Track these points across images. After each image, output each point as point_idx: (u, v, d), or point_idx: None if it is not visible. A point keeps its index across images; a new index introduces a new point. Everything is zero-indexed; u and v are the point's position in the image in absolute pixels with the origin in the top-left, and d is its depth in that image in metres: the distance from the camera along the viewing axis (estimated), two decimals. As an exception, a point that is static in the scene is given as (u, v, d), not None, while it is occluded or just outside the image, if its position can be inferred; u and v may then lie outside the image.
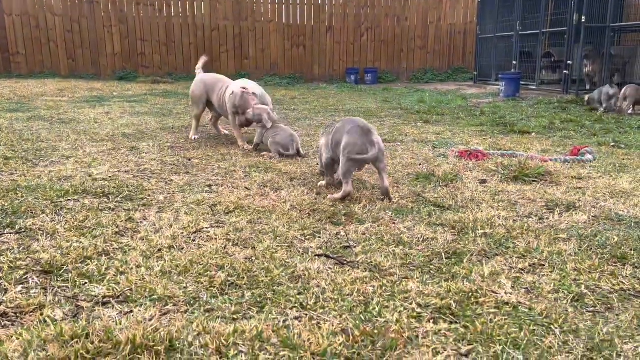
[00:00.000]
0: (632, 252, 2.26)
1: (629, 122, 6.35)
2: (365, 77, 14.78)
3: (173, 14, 14.25)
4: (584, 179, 3.74)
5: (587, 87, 9.89)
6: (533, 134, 5.78)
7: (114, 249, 2.25)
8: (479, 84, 12.79)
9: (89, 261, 2.11)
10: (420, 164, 4.15)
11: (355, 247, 2.34)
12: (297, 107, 8.64)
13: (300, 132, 5.62)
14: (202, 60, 6.01)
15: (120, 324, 1.60)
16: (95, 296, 1.82)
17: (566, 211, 2.92)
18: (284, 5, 14.78)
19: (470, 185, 3.51)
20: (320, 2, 14.92)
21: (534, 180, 3.64)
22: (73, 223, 2.54)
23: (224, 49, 14.62)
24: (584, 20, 9.05)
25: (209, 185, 3.40)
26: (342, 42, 15.18)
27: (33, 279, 1.94)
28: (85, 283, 1.92)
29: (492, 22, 12.38)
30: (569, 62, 9.63)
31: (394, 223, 2.70)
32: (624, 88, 7.23)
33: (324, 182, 3.47)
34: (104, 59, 14.01)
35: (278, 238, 2.42)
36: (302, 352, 1.48)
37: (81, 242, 2.31)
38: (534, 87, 10.67)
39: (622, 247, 2.31)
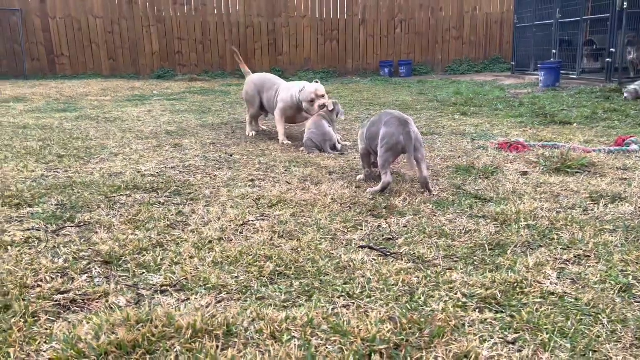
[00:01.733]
0: (682, 243, 2.23)
1: (678, 111, 6.12)
2: (400, 69, 14.67)
3: (208, 12, 14.51)
4: (629, 169, 3.66)
5: (632, 74, 9.55)
6: (575, 124, 5.66)
7: (167, 240, 2.37)
8: (517, 74, 12.51)
9: (145, 252, 2.23)
10: (459, 157, 4.14)
11: (397, 239, 2.38)
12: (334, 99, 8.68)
13: (336, 127, 5.67)
14: (238, 57, 6.23)
15: (180, 311, 1.70)
16: (154, 285, 1.94)
17: (611, 202, 2.87)
18: (317, 0, 14.82)
19: (512, 177, 3.50)
20: (353, -5, 14.89)
21: (577, 172, 3.59)
22: (127, 217, 2.68)
23: (258, 46, 14.79)
24: (626, 6, 8.73)
25: (252, 180, 3.51)
26: (376, 35, 15.11)
27: (96, 269, 2.08)
28: (143, 273, 2.04)
29: (530, 10, 12.07)
30: (612, 49, 9.31)
31: (435, 215, 2.73)
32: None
33: (362, 176, 3.52)
34: (142, 58, 14.40)
35: (321, 230, 2.49)
36: (352, 337, 1.54)
37: (136, 234, 2.44)
38: (574, 77, 10.38)
39: (672, 239, 2.27)
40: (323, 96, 4.83)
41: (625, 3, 8.70)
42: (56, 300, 1.80)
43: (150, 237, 2.39)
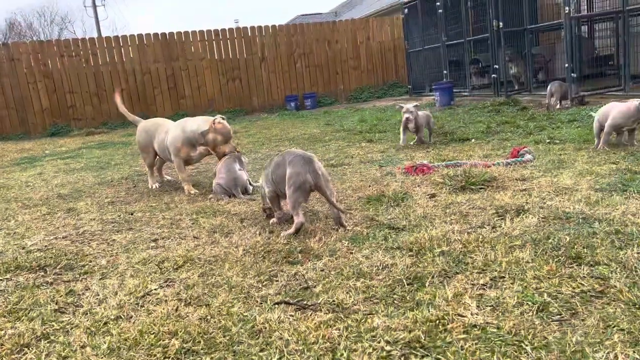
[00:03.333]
0: (585, 250, 2.30)
1: (559, 117, 6.65)
2: (305, 102, 14.89)
3: (101, 63, 13.88)
4: (527, 179, 3.83)
5: (516, 87, 10.36)
6: (472, 140, 5.94)
7: (54, 329, 2.05)
8: (415, 96, 13.15)
9: (26, 349, 1.91)
10: (369, 185, 4.13)
11: (315, 286, 2.25)
12: (239, 141, 8.51)
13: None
14: (118, 98, 5.77)
15: (65, 423, 1.42)
16: (35, 391, 1.63)
17: (516, 216, 2.95)
18: (214, 42, 14.75)
19: (421, 201, 3.52)
20: (250, 34, 14.99)
21: (481, 188, 3.69)
22: (6, 306, 2.32)
23: (158, 91, 14.36)
24: (502, 26, 9.51)
25: (155, 240, 3.23)
26: (277, 71, 15.26)
27: (-39, 382, 1.73)
28: (23, 377, 1.73)
29: (419, 35, 12.83)
30: (495, 66, 10.06)
31: (351, 253, 2.63)
32: (549, 85, 7.59)
33: (274, 219, 3.38)
34: (32, 116, 13.41)
35: (233, 289, 2.29)
36: (271, 419, 1.36)
37: (16, 327, 2.09)
38: (466, 94, 11.07)
39: (575, 247, 2.34)
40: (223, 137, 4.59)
41: (501, 23, 9.48)
42: None
43: (33, 329, 2.06)
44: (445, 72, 11.80)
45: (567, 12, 7.90)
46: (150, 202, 4.39)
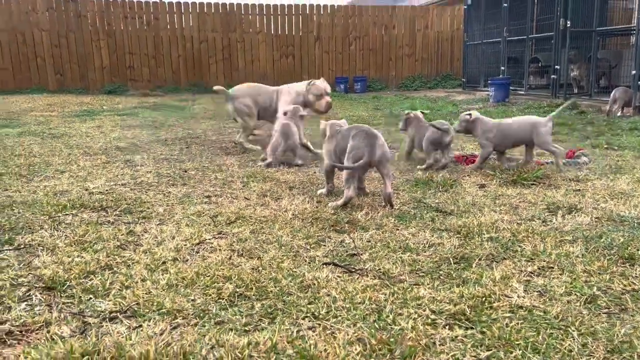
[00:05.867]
0: (637, 252, 2.26)
1: (620, 124, 6.42)
2: (355, 85, 14.84)
3: (161, 27, 14.23)
4: (581, 181, 3.76)
5: (575, 90, 10.01)
6: (526, 138, 5.81)
7: (117, 262, 2.20)
8: (468, 90, 12.89)
9: (92, 276, 2.06)
10: (417, 172, 4.14)
11: (362, 254, 2.31)
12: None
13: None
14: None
15: (131, 340, 1.55)
16: (102, 311, 1.78)
17: (568, 213, 2.92)
18: (272, 17, 14.84)
19: (470, 190, 3.51)
20: (307, 12, 15.00)
21: (532, 184, 3.65)
22: (73, 238, 2.49)
23: (213, 61, 14.62)
24: (569, 25, 9.17)
25: (208, 196, 3.36)
26: (331, 51, 15.24)
27: (36, 295, 1.89)
28: (90, 298, 1.88)
29: (479, 28, 12.51)
30: (556, 66, 9.74)
31: (398, 229, 2.68)
32: (614, 91, 7.31)
33: (324, 190, 3.45)
34: (92, 73, 13.92)
35: (283, 247, 2.38)
36: (319, 362, 1.45)
37: (83, 256, 2.26)
38: (522, 92, 10.77)
39: (629, 248, 2.31)
40: (329, 95, 5.03)
41: (568, 22, 9.14)
42: (-11, 333, 1.62)
43: (98, 259, 2.22)
44: (502, 68, 11.50)
45: (642, 16, 7.55)
46: (203, 162, 4.54)
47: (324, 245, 2.43)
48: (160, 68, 14.30)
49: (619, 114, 7.23)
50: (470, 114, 4.36)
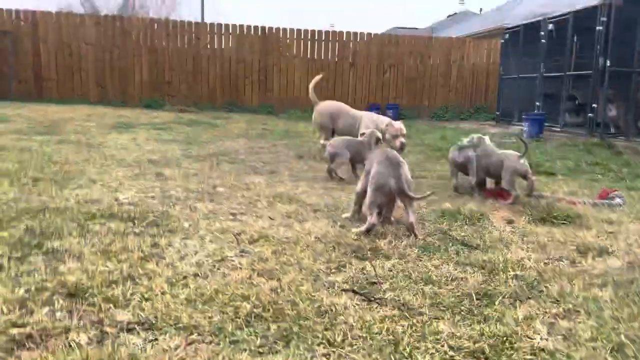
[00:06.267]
0: (672, 302, 2.17)
1: (658, 167, 6.22)
2: (387, 113, 14.86)
3: (201, 46, 14.66)
4: (614, 223, 3.64)
5: (612, 130, 9.78)
6: (559, 175, 5.69)
7: (139, 274, 2.24)
8: (501, 123, 12.75)
9: (114, 285, 2.10)
10: (444, 201, 4.09)
11: (382, 283, 2.29)
12: (316, 139, 8.68)
13: (318, 166, 5.63)
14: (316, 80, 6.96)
15: (146, 352, 1.56)
16: (120, 322, 1.80)
17: (599, 256, 2.83)
18: (308, 42, 15.11)
19: (498, 224, 3.45)
20: (344, 38, 15.22)
21: (562, 223, 3.56)
22: (99, 246, 2.55)
23: (248, 81, 14.92)
24: (609, 65, 9.02)
25: (233, 214, 3.40)
26: (365, 78, 15.37)
27: (59, 301, 1.93)
28: (110, 308, 1.90)
29: (515, 63, 12.43)
30: (594, 105, 9.56)
31: (420, 260, 2.64)
32: (652, 132, 7.12)
33: (348, 214, 3.44)
34: (131, 87, 14.39)
35: (303, 270, 2.38)
36: (331, 391, 1.42)
37: (107, 266, 2.30)
38: (557, 129, 10.59)
39: (662, 296, 2.21)
40: (404, 136, 5.47)
41: (608, 62, 9.00)
42: (11, 335, 1.65)
43: (121, 270, 2.26)
44: (537, 104, 11.35)
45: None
46: (232, 180, 4.60)
47: (345, 271, 2.42)
48: (198, 85, 14.68)
49: (658, 156, 7.01)
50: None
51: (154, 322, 1.81)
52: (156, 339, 1.69)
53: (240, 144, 7.66)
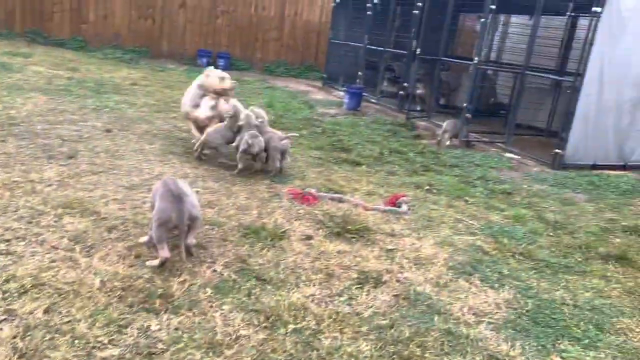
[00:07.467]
0: (418, 350, 2.56)
1: (445, 159, 7.12)
2: (218, 61, 14.30)
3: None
4: (396, 235, 4.10)
5: (418, 107, 10.87)
6: (364, 166, 6.17)
7: None
8: (327, 87, 13.24)
9: None
10: (253, 209, 4.15)
11: (164, 351, 2.26)
12: (136, 99, 8.03)
13: (131, 146, 5.24)
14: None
15: None
16: None
17: (374, 287, 3.18)
18: (132, -29, 13.50)
19: (296, 244, 3.63)
20: (174, -26, 13.96)
21: (353, 237, 3.90)
22: None
23: (57, 9, 12.89)
24: (418, 52, 9.87)
25: (7, 241, 2.99)
26: (196, 21, 14.44)
27: None
28: None
29: (344, 29, 12.85)
30: (405, 84, 10.46)
31: (211, 305, 2.68)
32: (445, 123, 8.10)
33: (146, 238, 3.28)
34: None
35: (76, 342, 2.23)
36: None
37: None
38: (374, 101, 11.38)
39: (410, 344, 2.60)
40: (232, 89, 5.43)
41: (418, 49, 9.84)
42: None
43: None
44: (360, 73, 12.00)
45: (475, 61, 8.42)
46: (15, 172, 4.00)
47: (125, 335, 2.33)
48: (-11, 6, 12.22)
49: (448, 143, 8.04)
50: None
51: None
52: None
53: (38, 102, 6.68)
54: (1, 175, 3.93)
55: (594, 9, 6.72)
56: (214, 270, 3.06)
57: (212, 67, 5.68)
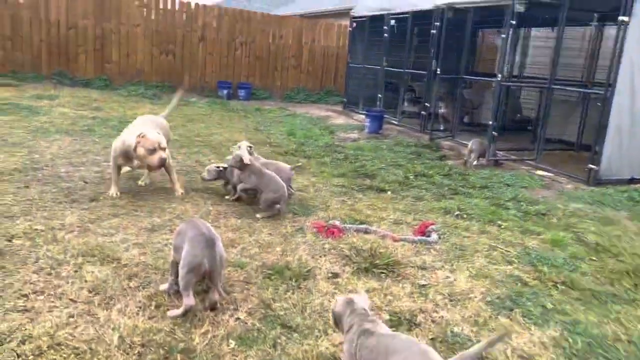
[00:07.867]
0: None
1: (474, 180, 6.87)
2: (239, 92, 14.44)
3: (23, 4, 12.52)
4: (428, 269, 3.89)
5: (442, 127, 10.67)
6: (389, 192, 5.99)
7: None
8: (348, 110, 13.17)
9: None
10: (276, 246, 4.01)
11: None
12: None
13: (153, 184, 5.20)
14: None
15: None
16: None
17: (408, 330, 2.98)
18: (152, 10, 13.82)
19: (322, 283, 3.46)
20: (193, 9, 14.23)
21: (382, 272, 3.70)
22: None
23: (82, 50, 13.24)
24: (439, 72, 9.71)
25: (25, 296, 2.91)
26: (215, 53, 14.65)
27: None
28: None
29: (362, 52, 12.82)
30: (426, 104, 10.29)
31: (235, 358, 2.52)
32: (470, 142, 7.87)
33: (166, 285, 3.17)
34: None
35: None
36: None
37: None
38: (396, 122, 11.23)
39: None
40: (164, 149, 4.66)
41: (438, 70, 9.69)
42: None
43: None
44: (380, 95, 11.90)
45: (498, 78, 8.21)
46: (37, 220, 3.96)
47: (144, 399, 2.18)
48: (18, 52, 12.61)
49: (475, 163, 7.80)
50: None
51: None
52: None
53: (63, 144, 6.75)
54: (23, 224, 3.90)
55: (620, 17, 6.48)
56: (237, 319, 2.91)
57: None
